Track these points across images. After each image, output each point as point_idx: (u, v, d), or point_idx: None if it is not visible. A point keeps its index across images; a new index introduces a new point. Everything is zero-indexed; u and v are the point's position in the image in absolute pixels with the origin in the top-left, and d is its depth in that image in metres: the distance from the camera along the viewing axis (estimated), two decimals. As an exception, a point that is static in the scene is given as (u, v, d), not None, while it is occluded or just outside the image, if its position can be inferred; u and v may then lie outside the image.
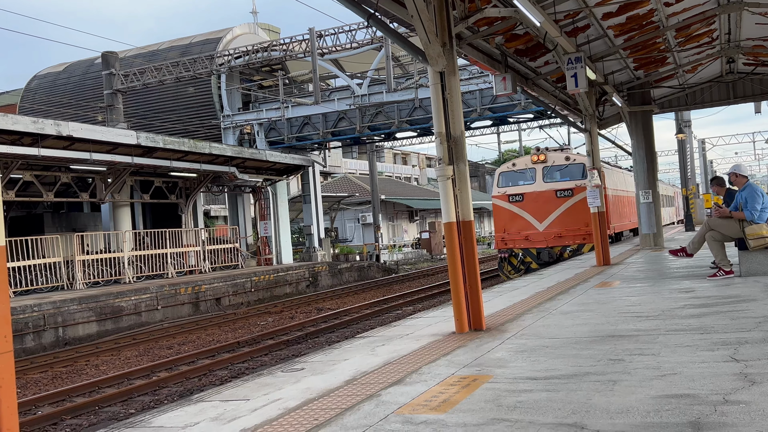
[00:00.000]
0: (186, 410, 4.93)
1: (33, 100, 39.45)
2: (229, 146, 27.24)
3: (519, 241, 20.65)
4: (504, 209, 21.09)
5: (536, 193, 20.65)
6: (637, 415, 3.81)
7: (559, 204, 20.16)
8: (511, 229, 20.83)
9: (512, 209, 20.87)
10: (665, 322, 6.82)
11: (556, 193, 20.29)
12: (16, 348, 14.84)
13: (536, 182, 20.80)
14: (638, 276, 11.89)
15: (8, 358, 3.15)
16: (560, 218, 20.11)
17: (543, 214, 20.42)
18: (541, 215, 20.43)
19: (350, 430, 4.03)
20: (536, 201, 20.58)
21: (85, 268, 21.41)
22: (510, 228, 20.85)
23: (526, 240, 20.58)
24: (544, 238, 20.38)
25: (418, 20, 7.05)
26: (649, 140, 19.84)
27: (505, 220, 21.00)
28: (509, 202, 20.95)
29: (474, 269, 7.38)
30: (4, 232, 3.22)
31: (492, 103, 28.38)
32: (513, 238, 20.75)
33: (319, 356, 6.59)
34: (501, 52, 12.32)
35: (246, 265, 28.79)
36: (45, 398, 10.66)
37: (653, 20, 13.19)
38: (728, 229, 9.97)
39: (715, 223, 10.13)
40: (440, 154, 7.35)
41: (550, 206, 20.35)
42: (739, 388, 4.16)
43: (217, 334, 16.88)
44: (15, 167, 19.07)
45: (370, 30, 27.58)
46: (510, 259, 20.84)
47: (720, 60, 17.97)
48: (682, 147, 34.47)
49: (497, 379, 4.99)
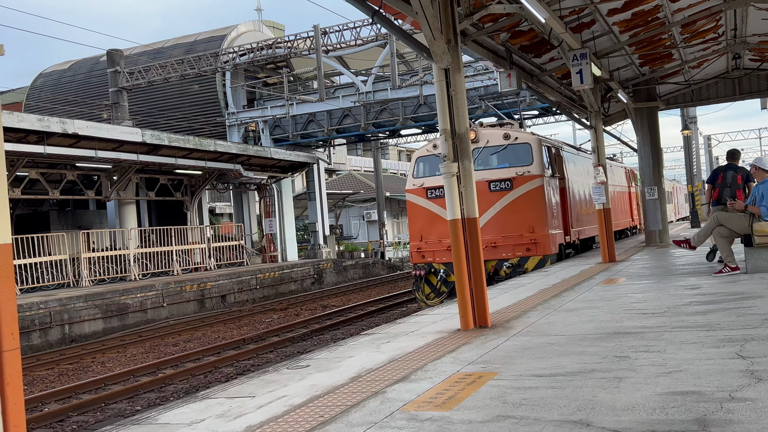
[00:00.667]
0: (192, 407, 4.94)
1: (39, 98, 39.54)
2: (233, 144, 27.28)
3: (440, 253, 15.09)
4: (420, 208, 15.66)
5: None
6: (642, 412, 3.81)
7: (493, 200, 14.83)
8: (429, 236, 15.37)
9: (431, 208, 15.40)
10: (671, 319, 6.80)
11: (490, 186, 14.82)
12: (22, 345, 14.89)
13: None
14: (644, 273, 11.86)
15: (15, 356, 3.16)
16: (495, 220, 14.80)
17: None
18: None
19: (355, 427, 4.04)
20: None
21: (91, 265, 21.47)
22: (428, 234, 15.41)
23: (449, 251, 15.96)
24: None
25: (423, 17, 7.03)
26: (654, 137, 19.77)
27: (422, 223, 15.56)
28: (427, 199, 15.45)
29: (479, 266, 7.38)
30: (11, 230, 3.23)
31: (497, 99, 28.32)
32: (432, 248, 15.30)
33: (324, 353, 6.60)
34: (506, 49, 12.30)
35: (251, 262, 28.83)
36: (51, 395, 10.70)
37: (659, 16, 13.14)
38: (736, 225, 9.92)
39: (724, 217, 10.07)
40: (445, 151, 7.34)
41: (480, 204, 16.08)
42: (745, 385, 4.15)
43: (223, 331, 16.92)
44: (21, 165, 19.12)
45: (374, 27, 27.55)
46: (428, 278, 15.27)
47: (726, 56, 17.89)
48: (687, 143, 34.35)
49: (502, 376, 4.98)
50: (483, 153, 15.21)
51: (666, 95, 21.03)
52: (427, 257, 15.35)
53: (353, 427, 4.03)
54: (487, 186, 14.71)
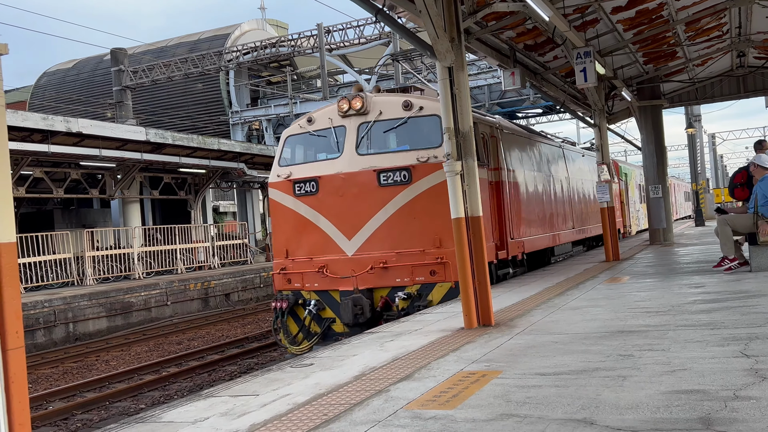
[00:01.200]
0: (196, 405, 4.95)
1: (43, 96, 39.63)
2: (237, 142, 27.31)
3: (311, 276, 10.58)
4: (286, 210, 10.91)
5: (341, 177, 10.44)
6: (646, 410, 3.80)
7: (383, 199, 10.26)
8: (297, 251, 10.78)
9: (300, 210, 10.75)
10: (675, 317, 6.79)
11: (379, 178, 10.27)
12: (27, 344, 14.93)
13: (344, 155, 10.53)
14: (648, 271, 11.85)
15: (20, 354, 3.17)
16: (386, 230, 10.21)
17: (353, 220, 10.42)
18: (350, 223, 10.43)
19: (359, 425, 4.04)
20: (340, 194, 10.47)
21: (95, 264, 21.51)
22: (296, 249, 10.80)
23: (322, 274, 10.50)
24: (354, 269, 10.25)
25: (427, 15, 7.03)
26: (658, 135, 19.74)
27: (289, 233, 10.92)
28: (295, 197, 10.79)
29: (483, 264, 7.39)
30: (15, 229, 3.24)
31: (501, 98, 28.30)
32: (300, 269, 10.65)
33: (327, 352, 6.60)
34: (510, 47, 12.28)
35: (255, 260, 28.85)
36: (56, 393, 10.73)
37: (663, 14, 13.11)
38: (741, 225, 9.96)
39: (730, 219, 10.12)
40: (448, 149, 7.34)
41: (366, 204, 10.39)
42: (749, 383, 4.14)
43: (227, 330, 16.94)
44: (25, 164, 19.17)
45: (378, 25, 27.54)
46: (295, 311, 10.75)
47: (730, 54, 17.84)
48: (692, 141, 34.32)
49: (506, 374, 4.98)
50: (374, 130, 10.51)
51: (670, 93, 20.99)
52: (294, 281, 10.71)
53: (357, 426, 4.03)
54: (375, 178, 10.20)
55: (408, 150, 10.32)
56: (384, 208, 10.22)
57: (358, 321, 9.94)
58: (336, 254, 10.41)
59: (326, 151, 10.90)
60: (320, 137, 10.92)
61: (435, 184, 9.92)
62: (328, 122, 10.81)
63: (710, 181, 49.65)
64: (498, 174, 11.95)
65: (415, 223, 10.10)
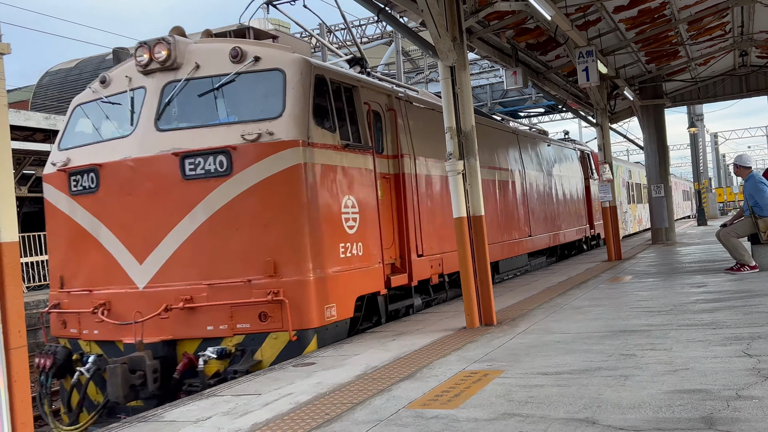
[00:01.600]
0: (198, 404, 4.96)
1: (45, 96, 39.67)
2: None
3: (89, 319, 7.17)
4: (60, 216, 7.60)
5: (129, 165, 7.03)
6: (649, 410, 3.80)
7: (191, 200, 6.82)
8: (74, 279, 7.48)
9: (76, 217, 7.39)
10: (677, 317, 6.78)
11: (183, 167, 6.82)
12: (29, 343, 14.92)
13: (137, 131, 7.19)
14: (650, 271, 11.84)
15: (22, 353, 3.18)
16: (193, 246, 6.77)
17: (145, 232, 6.97)
18: (142, 237, 6.99)
19: (361, 425, 4.04)
20: (128, 191, 7.05)
21: (98, 263, 21.50)
22: (73, 274, 7.51)
23: (100, 317, 7.08)
24: (143, 310, 6.78)
25: (429, 15, 7.03)
26: (660, 134, 19.73)
27: (64, 249, 7.62)
28: (71, 195, 7.45)
29: (485, 264, 7.38)
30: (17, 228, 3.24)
31: (503, 97, 28.31)
32: (77, 305, 7.35)
33: (329, 351, 6.60)
34: (512, 46, 12.29)
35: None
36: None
37: (665, 13, 13.09)
38: (744, 231, 10.03)
39: (733, 230, 10.14)
40: (450, 148, 7.34)
41: (165, 208, 6.94)
42: (752, 383, 4.13)
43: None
44: (27, 163, 19.18)
45: (380, 25, 27.56)
46: (63, 373, 7.42)
47: (733, 53, 17.82)
48: (694, 141, 34.31)
49: (508, 374, 4.98)
50: (185, 93, 7.18)
51: (672, 92, 20.98)
52: (69, 326, 7.45)
53: (359, 425, 4.03)
54: (177, 167, 6.83)
55: (231, 123, 6.90)
56: (191, 214, 6.77)
57: (139, 396, 6.57)
58: (122, 286, 7.00)
59: (122, 126, 7.45)
60: (114, 105, 7.60)
61: (269, 175, 6.64)
62: (125, 83, 7.51)
63: (712, 181, 49.61)
64: (398, 164, 8.63)
65: (237, 237, 6.67)
